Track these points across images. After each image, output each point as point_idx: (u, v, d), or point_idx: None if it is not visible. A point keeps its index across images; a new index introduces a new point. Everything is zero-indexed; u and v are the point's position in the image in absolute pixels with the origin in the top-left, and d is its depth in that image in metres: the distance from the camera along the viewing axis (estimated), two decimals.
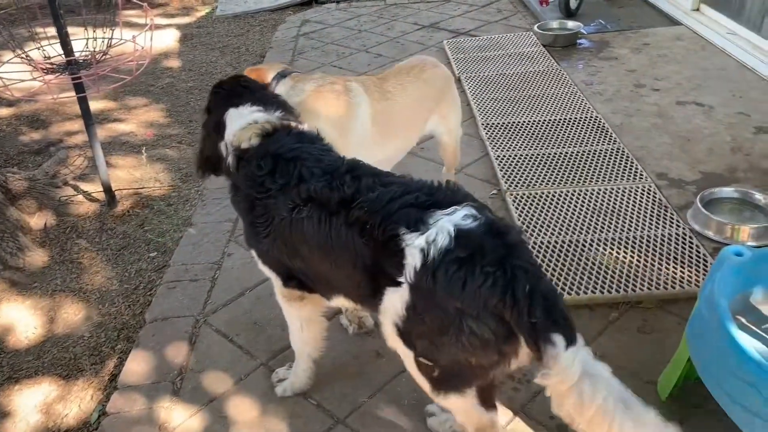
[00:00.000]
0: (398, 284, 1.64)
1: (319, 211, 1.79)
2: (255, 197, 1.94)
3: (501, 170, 3.46)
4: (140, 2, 3.33)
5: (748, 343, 1.68)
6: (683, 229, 2.92)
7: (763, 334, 1.91)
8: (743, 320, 1.95)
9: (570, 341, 1.47)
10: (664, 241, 2.86)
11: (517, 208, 3.14)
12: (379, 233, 1.67)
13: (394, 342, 1.76)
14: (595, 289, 2.62)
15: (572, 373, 1.44)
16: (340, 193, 1.78)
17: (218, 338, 2.59)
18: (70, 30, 3.16)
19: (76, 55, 3.18)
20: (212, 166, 2.19)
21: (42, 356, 2.68)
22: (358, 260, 1.74)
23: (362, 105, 2.60)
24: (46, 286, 3.04)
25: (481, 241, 1.56)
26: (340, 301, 2.00)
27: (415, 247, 1.60)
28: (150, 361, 2.51)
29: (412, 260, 1.60)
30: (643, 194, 3.18)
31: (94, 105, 4.87)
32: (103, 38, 3.15)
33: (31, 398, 2.49)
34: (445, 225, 1.58)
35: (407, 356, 1.76)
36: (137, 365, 2.49)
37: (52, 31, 3.21)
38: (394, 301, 1.66)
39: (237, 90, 2.18)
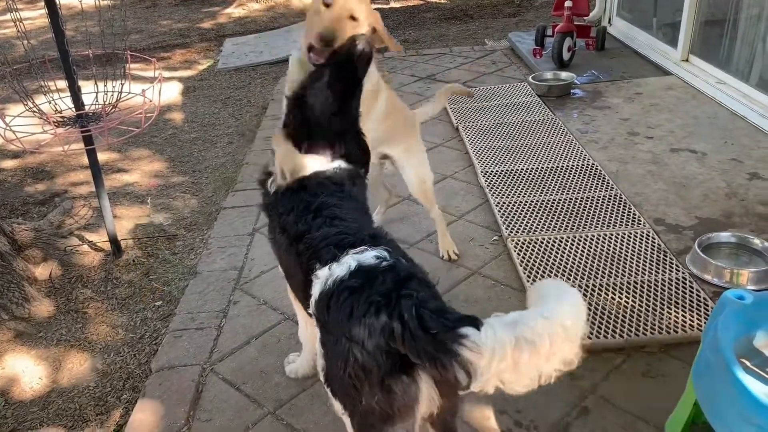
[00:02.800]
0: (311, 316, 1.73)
1: (286, 240, 1.94)
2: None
3: (501, 217, 3.52)
4: (148, 57, 3.43)
5: (755, 387, 1.71)
6: (683, 273, 2.97)
7: None
8: (747, 363, 1.98)
9: (478, 325, 1.37)
10: (664, 285, 2.90)
11: (518, 255, 3.18)
12: (306, 268, 1.79)
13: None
14: (599, 334, 2.64)
15: (503, 340, 1.32)
16: (299, 227, 1.90)
17: (225, 387, 2.59)
18: (80, 83, 3.26)
19: (87, 108, 3.27)
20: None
21: (47, 407, 2.67)
22: (302, 290, 1.86)
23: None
24: (51, 336, 3.05)
25: (376, 275, 1.56)
26: None
27: (318, 278, 1.67)
28: (156, 411, 2.50)
29: (315, 291, 1.67)
30: (641, 239, 3.23)
31: (99, 156, 4.95)
32: (113, 92, 3.24)
33: None
34: (348, 260, 1.63)
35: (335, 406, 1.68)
36: (143, 415, 2.49)
37: (61, 83, 3.31)
38: (317, 336, 1.71)
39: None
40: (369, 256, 1.62)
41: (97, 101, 3.32)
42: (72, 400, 2.70)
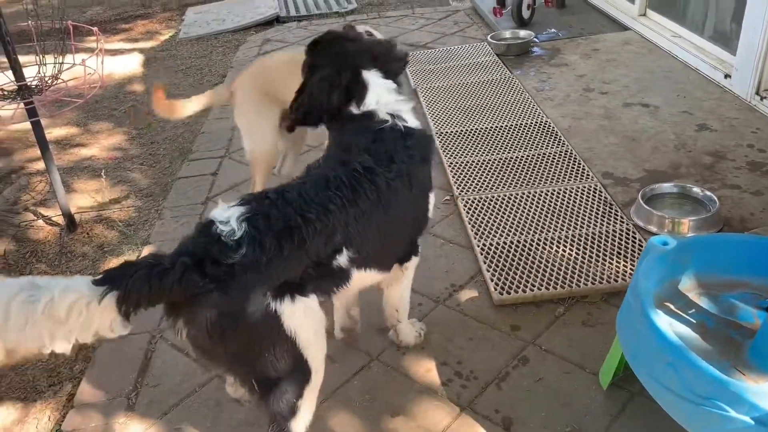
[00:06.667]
0: None
1: None
2: None
3: (453, 177, 3.55)
4: (90, 27, 3.38)
5: (666, 326, 1.76)
6: (627, 224, 3.02)
7: (690, 319, 1.99)
8: (672, 306, 2.04)
9: None
10: (608, 237, 2.95)
11: (468, 213, 3.21)
12: None
13: None
14: (542, 285, 2.69)
15: None
16: None
17: (174, 353, 2.62)
18: (23, 57, 3.21)
19: (27, 80, 3.22)
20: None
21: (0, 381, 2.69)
22: None
23: None
24: None
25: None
26: None
27: None
28: (106, 378, 2.53)
29: None
30: (589, 193, 3.27)
31: (57, 131, 4.91)
32: (53, 63, 3.19)
33: None
34: None
35: None
36: (93, 383, 2.52)
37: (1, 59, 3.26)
38: None
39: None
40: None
41: (39, 73, 3.28)
42: (24, 373, 2.72)
